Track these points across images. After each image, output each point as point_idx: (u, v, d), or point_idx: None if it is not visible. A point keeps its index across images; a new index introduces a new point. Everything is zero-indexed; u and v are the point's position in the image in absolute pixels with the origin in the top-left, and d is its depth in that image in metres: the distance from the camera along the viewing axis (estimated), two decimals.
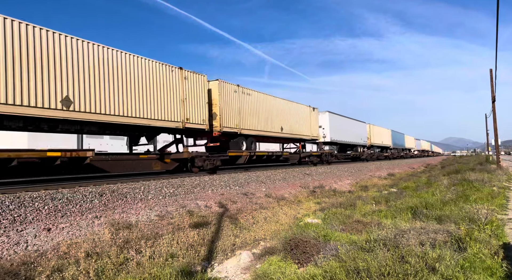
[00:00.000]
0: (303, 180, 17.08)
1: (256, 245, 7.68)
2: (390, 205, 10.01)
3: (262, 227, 8.95)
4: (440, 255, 4.53)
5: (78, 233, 6.41)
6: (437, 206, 8.58)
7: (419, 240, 5.29)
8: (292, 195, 13.18)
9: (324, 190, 15.06)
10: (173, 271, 5.23)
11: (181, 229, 7.58)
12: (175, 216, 8.19)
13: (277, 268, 5.60)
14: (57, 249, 5.75)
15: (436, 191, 12.07)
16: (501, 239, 5.91)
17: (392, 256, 4.50)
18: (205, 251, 7.01)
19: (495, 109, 25.86)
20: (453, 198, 9.89)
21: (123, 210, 8.02)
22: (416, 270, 4.00)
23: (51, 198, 7.64)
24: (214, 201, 9.99)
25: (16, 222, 6.38)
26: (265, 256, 6.42)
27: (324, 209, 10.73)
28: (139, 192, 9.56)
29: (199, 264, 6.37)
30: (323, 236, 6.62)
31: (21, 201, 7.13)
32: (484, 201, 9.22)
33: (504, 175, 18.41)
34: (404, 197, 11.40)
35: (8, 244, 5.61)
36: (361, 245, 5.42)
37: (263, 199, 11.56)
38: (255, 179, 14.65)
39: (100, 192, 8.73)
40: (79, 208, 7.68)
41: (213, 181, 12.63)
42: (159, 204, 8.89)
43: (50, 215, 7.00)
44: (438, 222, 7.09)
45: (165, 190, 10.27)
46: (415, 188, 15.22)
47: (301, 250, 5.76)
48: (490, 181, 14.19)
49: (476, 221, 6.49)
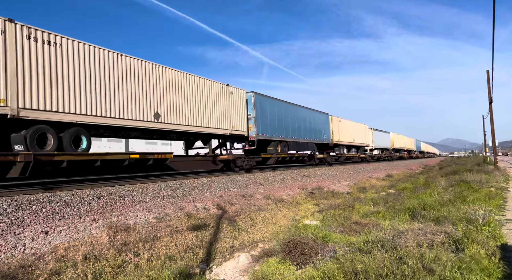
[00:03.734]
0: (302, 181, 17.09)
1: (254, 247, 7.68)
2: (388, 206, 10.03)
3: (260, 229, 8.95)
4: (438, 256, 4.55)
5: (75, 236, 6.39)
6: (435, 207, 8.59)
7: (417, 241, 5.29)
8: (290, 196, 13.18)
9: (322, 191, 15.07)
10: (171, 273, 5.23)
11: (179, 232, 7.56)
12: (173, 219, 8.17)
13: (275, 270, 5.59)
14: (54, 252, 5.73)
15: (434, 192, 12.09)
16: (499, 240, 5.92)
17: (390, 258, 4.51)
18: (203, 253, 7.00)
19: (492, 110, 25.97)
20: (451, 199, 9.91)
21: (121, 213, 8.00)
22: (414, 271, 4.01)
23: (49, 201, 7.61)
24: (213, 203, 9.97)
25: (13, 225, 6.36)
26: (264, 258, 6.42)
27: (322, 210, 10.74)
28: (137, 194, 9.55)
29: (197, 267, 6.36)
30: (322, 238, 6.63)
31: (19, 204, 7.10)
32: (482, 202, 9.24)
33: (501, 176, 18.46)
34: (402, 198, 11.42)
35: (6, 247, 5.59)
36: (359, 247, 5.42)
37: (262, 201, 11.55)
38: (253, 181, 14.65)
39: (98, 195, 8.71)
40: (77, 211, 7.66)
41: (212, 183, 12.62)
42: (157, 206, 8.88)
43: (48, 218, 6.98)
44: (436, 223, 7.10)
45: (163, 192, 10.26)
46: (413, 189, 15.25)
47: (300, 251, 5.76)
48: (488, 182, 14.22)
49: (473, 222, 6.52)
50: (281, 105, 22.41)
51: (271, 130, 20.72)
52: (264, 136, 19.99)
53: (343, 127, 33.89)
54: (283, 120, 22.42)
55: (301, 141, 25.06)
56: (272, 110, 21.11)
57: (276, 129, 21.27)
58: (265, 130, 20.02)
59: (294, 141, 23.94)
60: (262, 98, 20.29)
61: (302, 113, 25.70)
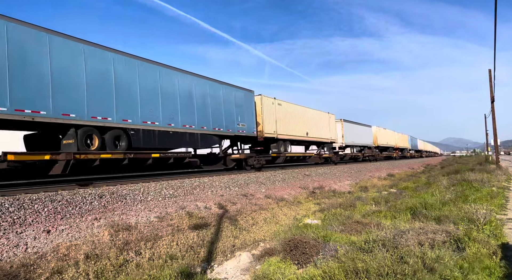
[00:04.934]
0: (303, 181, 17.09)
1: (255, 246, 7.69)
2: (389, 206, 10.02)
3: (261, 228, 8.96)
4: (439, 255, 4.55)
5: (77, 235, 6.41)
6: (436, 207, 8.58)
7: (418, 241, 5.30)
8: (291, 196, 13.18)
9: (323, 191, 15.07)
10: (173, 272, 5.24)
11: (181, 231, 7.58)
12: (174, 218, 8.19)
13: (276, 269, 5.60)
14: (56, 251, 5.75)
15: (435, 191, 12.07)
16: (500, 239, 5.92)
17: (391, 257, 4.51)
18: (204, 252, 7.02)
19: (494, 109, 25.90)
20: (452, 199, 9.90)
21: (122, 212, 8.03)
22: (415, 271, 4.01)
23: (51, 200, 7.64)
24: (214, 202, 9.99)
25: (15, 224, 6.38)
26: (265, 257, 6.42)
27: (324, 210, 10.74)
28: (138, 193, 9.57)
29: (198, 266, 6.37)
30: (323, 237, 6.62)
31: (21, 203, 7.13)
32: (483, 201, 9.23)
33: (503, 175, 18.42)
34: (404, 198, 11.41)
35: (8, 246, 5.61)
36: (360, 246, 5.43)
37: (263, 200, 11.56)
38: (255, 180, 14.66)
39: (99, 194, 8.73)
40: (79, 210, 7.69)
41: (213, 182, 12.63)
42: (159, 206, 8.90)
43: (50, 217, 7.01)
44: (437, 222, 7.10)
45: (164, 192, 10.28)
46: (414, 188, 15.22)
47: (301, 251, 5.77)
48: (489, 181, 14.19)
49: (475, 221, 6.51)
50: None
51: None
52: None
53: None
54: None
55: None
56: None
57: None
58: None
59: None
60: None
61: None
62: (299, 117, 24.59)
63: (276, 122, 21.41)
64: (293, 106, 24.10)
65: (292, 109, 23.86)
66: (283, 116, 22.29)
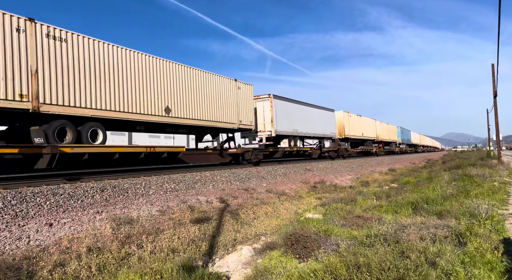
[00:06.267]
0: (304, 175, 17.10)
1: (257, 240, 7.71)
2: (390, 200, 10.02)
3: (263, 222, 8.98)
4: (440, 250, 4.54)
5: (79, 228, 6.44)
6: (437, 201, 8.57)
7: (419, 235, 5.29)
8: (293, 190, 13.20)
9: (325, 185, 15.08)
10: (174, 266, 5.25)
11: (182, 224, 7.60)
12: (176, 211, 8.22)
13: (278, 263, 5.61)
14: (59, 244, 5.78)
15: (437, 186, 12.05)
16: (502, 234, 5.91)
17: (393, 251, 4.51)
18: (206, 246, 7.05)
19: (496, 104, 25.78)
20: (454, 193, 9.89)
21: (124, 206, 8.05)
22: (416, 265, 4.01)
23: (53, 193, 7.66)
24: (215, 197, 10.01)
25: (18, 217, 6.41)
26: (266, 251, 6.44)
27: (325, 204, 10.75)
28: (140, 187, 9.59)
29: (200, 259, 6.40)
30: (324, 231, 6.63)
31: (23, 196, 7.16)
32: (485, 196, 9.20)
33: (505, 170, 18.37)
34: (405, 192, 11.40)
35: (10, 239, 5.64)
36: (361, 240, 5.43)
37: (264, 194, 11.58)
38: (256, 174, 14.67)
39: (101, 188, 8.75)
40: (81, 203, 7.71)
41: (214, 177, 12.65)
42: (160, 200, 8.92)
43: (52, 210, 7.03)
44: (439, 217, 7.09)
45: (166, 186, 10.30)
46: (415, 183, 15.22)
47: (302, 245, 5.77)
48: (491, 176, 14.16)
49: (476, 216, 6.49)
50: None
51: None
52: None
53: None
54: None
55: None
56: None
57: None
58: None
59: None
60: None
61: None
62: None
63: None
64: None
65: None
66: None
